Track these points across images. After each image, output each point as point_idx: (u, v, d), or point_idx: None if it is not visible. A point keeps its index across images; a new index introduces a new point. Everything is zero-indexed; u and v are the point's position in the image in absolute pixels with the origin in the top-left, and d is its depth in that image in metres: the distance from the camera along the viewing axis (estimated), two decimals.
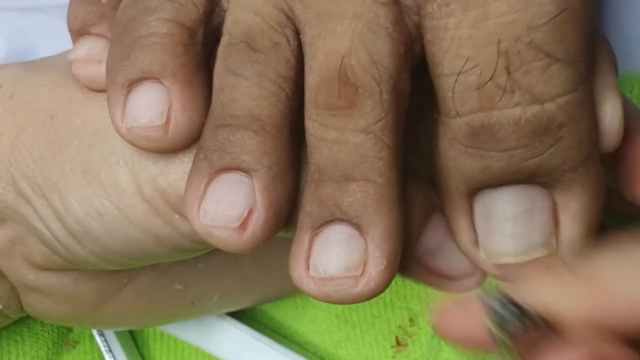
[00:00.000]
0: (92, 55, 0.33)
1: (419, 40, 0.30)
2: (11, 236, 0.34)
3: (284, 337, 0.42)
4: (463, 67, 0.28)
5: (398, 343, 0.41)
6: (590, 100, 0.29)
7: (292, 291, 0.40)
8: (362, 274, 0.29)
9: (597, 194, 0.30)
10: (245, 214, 0.30)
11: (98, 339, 0.41)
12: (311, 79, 0.30)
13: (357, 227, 0.29)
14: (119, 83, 0.31)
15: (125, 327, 0.40)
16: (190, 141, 0.31)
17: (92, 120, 0.33)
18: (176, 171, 0.31)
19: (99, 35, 0.33)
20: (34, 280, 0.35)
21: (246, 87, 0.30)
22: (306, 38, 0.30)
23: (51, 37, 0.39)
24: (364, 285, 0.29)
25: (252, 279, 0.38)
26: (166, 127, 0.30)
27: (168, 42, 0.31)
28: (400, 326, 0.41)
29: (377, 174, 0.29)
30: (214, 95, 0.31)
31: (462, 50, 0.28)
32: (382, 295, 0.40)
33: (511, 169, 0.29)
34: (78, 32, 0.34)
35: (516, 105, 0.28)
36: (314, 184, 0.30)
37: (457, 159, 0.29)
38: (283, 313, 0.42)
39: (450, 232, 0.31)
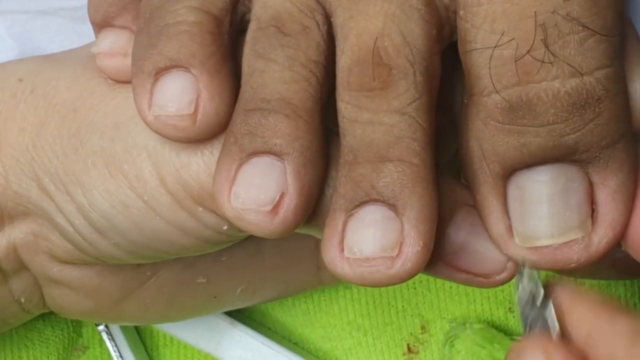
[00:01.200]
0: (116, 48, 0.33)
1: (448, 23, 0.30)
2: (35, 230, 0.34)
3: (294, 343, 0.42)
4: (499, 41, 0.28)
5: (409, 350, 0.41)
6: (623, 75, 0.29)
7: (312, 284, 0.39)
8: (398, 254, 0.29)
9: (634, 170, 0.30)
10: (277, 197, 0.29)
11: (108, 343, 0.41)
12: (343, 61, 0.30)
13: (393, 207, 0.29)
14: (146, 71, 0.31)
15: (147, 322, 0.40)
16: (217, 132, 0.31)
17: (114, 112, 0.32)
18: (198, 164, 0.31)
19: (123, 27, 0.33)
20: (57, 273, 0.35)
21: (277, 71, 0.30)
22: (337, 21, 0.30)
23: (61, 39, 0.39)
24: (400, 266, 0.29)
25: (274, 271, 0.38)
26: (194, 116, 0.30)
27: (196, 31, 0.31)
28: (411, 333, 0.40)
29: (412, 154, 0.29)
30: (243, 80, 0.31)
31: (497, 24, 0.28)
32: (393, 302, 0.40)
33: (549, 145, 0.28)
34: (100, 25, 0.34)
35: (555, 78, 0.28)
36: (348, 166, 0.30)
37: (493, 138, 0.29)
38: (294, 319, 0.41)
39: (476, 228, 0.31)
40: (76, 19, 0.38)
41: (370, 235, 0.29)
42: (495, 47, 0.28)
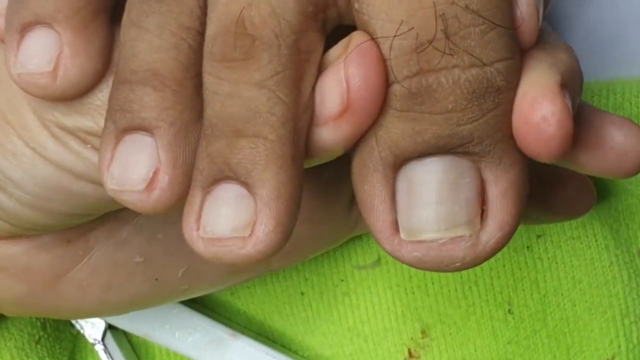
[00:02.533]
0: (0, 8, 0.32)
1: (336, 5, 0.29)
2: None
3: (295, 352, 0.42)
4: (397, 30, 0.27)
5: (410, 355, 0.41)
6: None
7: (258, 270, 0.39)
8: (250, 234, 0.28)
9: (525, 170, 0.29)
10: (151, 174, 0.29)
11: (102, 354, 0.41)
12: (209, 30, 0.29)
13: (247, 185, 0.28)
14: (14, 26, 0.30)
15: (88, 313, 0.38)
16: (86, 89, 0.30)
17: None
18: (78, 111, 0.31)
19: None
20: None
21: (146, 41, 0.29)
22: None
23: None
24: (252, 246, 0.28)
25: None
26: (54, 74, 0.30)
27: None
28: (412, 338, 0.41)
29: (268, 130, 0.28)
30: (118, 50, 0.30)
31: (394, 13, 0.27)
32: (393, 307, 0.41)
33: (445, 134, 0.28)
34: None
35: (455, 66, 0.27)
36: (206, 140, 0.29)
37: (388, 125, 0.28)
38: (294, 327, 0.41)
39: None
40: None
41: (222, 215, 0.28)
42: (394, 36, 0.27)
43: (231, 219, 0.28)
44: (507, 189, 0.28)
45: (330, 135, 0.29)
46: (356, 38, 0.28)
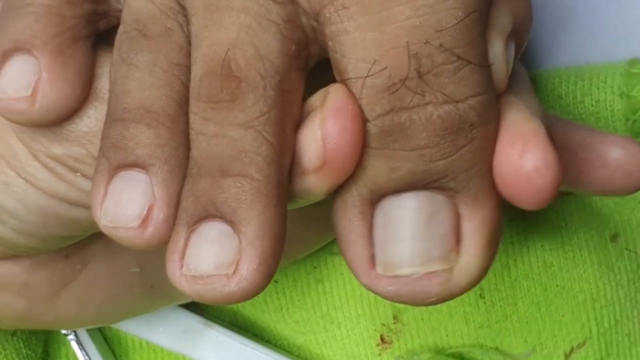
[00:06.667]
0: None
1: (317, 42, 0.29)
2: None
3: (267, 341, 0.42)
4: (370, 69, 0.27)
5: (383, 341, 0.41)
6: (496, 105, 0.29)
7: None
8: (234, 272, 0.28)
9: (499, 206, 0.29)
10: (145, 211, 0.29)
11: (78, 353, 0.41)
12: (195, 71, 0.29)
13: (232, 224, 0.28)
14: None
15: (88, 323, 0.38)
16: (66, 114, 0.30)
17: None
18: (66, 139, 0.31)
19: None
20: None
21: (137, 78, 0.29)
22: (192, 29, 0.29)
23: None
24: (235, 284, 0.28)
25: None
26: (33, 98, 0.30)
27: (43, 12, 0.30)
28: (383, 324, 0.41)
29: (254, 169, 0.28)
30: (109, 88, 0.30)
31: (367, 53, 0.27)
32: (366, 294, 0.41)
33: (419, 170, 0.28)
34: None
35: (427, 103, 0.27)
36: (192, 179, 0.29)
37: (364, 162, 0.28)
38: (266, 316, 0.41)
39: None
40: None
41: (206, 253, 0.28)
42: (366, 76, 0.27)
43: (215, 257, 0.28)
44: (481, 225, 0.28)
45: (311, 184, 0.29)
46: (333, 94, 0.28)
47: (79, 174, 0.31)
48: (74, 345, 0.41)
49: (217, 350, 0.40)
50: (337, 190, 0.29)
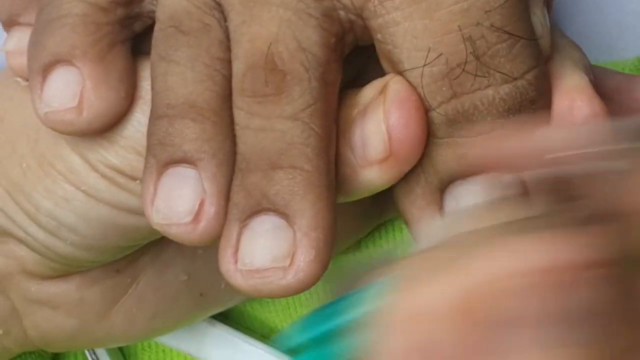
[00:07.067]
0: (22, 46, 0.32)
1: (352, 31, 0.29)
2: (4, 251, 0.34)
3: (274, 341, 0.42)
4: (427, 58, 0.28)
5: None
6: (549, 73, 0.30)
7: None
8: (290, 264, 0.28)
9: None
10: (196, 207, 0.29)
11: (86, 352, 0.41)
12: (237, 67, 0.29)
13: (285, 216, 0.28)
14: (35, 70, 0.31)
15: (137, 338, 0.39)
16: (114, 120, 0.31)
17: (33, 114, 0.32)
18: (122, 146, 0.31)
19: (28, 24, 0.33)
20: (36, 292, 0.34)
21: (179, 74, 0.29)
22: (231, 25, 0.29)
23: None
24: (292, 276, 0.28)
25: None
26: (79, 108, 0.30)
27: (78, 22, 0.30)
28: None
29: (304, 160, 0.28)
30: (151, 86, 0.30)
31: (420, 41, 0.28)
32: None
33: None
34: (7, 23, 0.33)
35: (488, 86, 0.28)
36: (241, 173, 0.29)
37: (431, 153, 0.29)
38: (273, 316, 0.41)
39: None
40: None
41: (261, 246, 0.28)
42: (424, 65, 0.28)
43: (270, 250, 0.28)
44: None
45: (375, 175, 0.29)
46: (394, 85, 0.28)
47: (138, 181, 0.31)
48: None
49: (221, 349, 0.40)
50: (404, 181, 0.29)
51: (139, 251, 0.35)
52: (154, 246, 0.35)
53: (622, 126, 0.27)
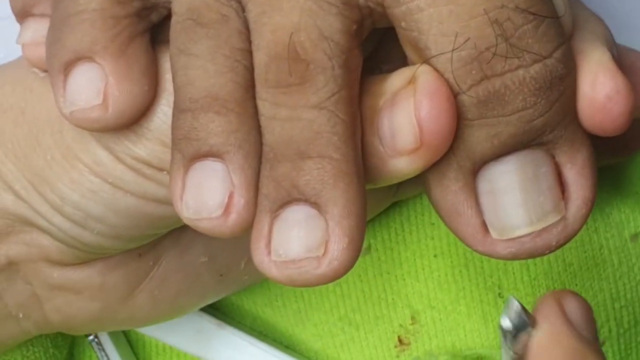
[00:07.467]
0: (38, 37, 0.32)
1: (370, 16, 0.29)
2: (25, 239, 0.34)
3: (286, 346, 0.42)
4: (454, 43, 0.28)
5: (401, 342, 0.40)
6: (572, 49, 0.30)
7: None
8: (324, 253, 0.28)
9: (592, 145, 0.30)
10: (226, 199, 0.29)
11: (99, 354, 0.41)
12: (259, 58, 0.29)
13: (316, 205, 0.28)
14: (55, 68, 0.30)
15: (160, 319, 0.39)
16: (139, 113, 0.31)
17: (55, 106, 0.32)
18: (148, 138, 0.31)
19: (42, 15, 0.33)
20: (58, 278, 0.35)
21: (200, 67, 0.29)
22: (250, 16, 0.29)
23: None
24: (326, 265, 0.28)
25: None
26: (105, 104, 0.30)
27: (97, 17, 0.30)
28: (401, 325, 0.40)
29: (332, 149, 0.28)
30: (172, 80, 0.30)
31: (447, 27, 0.28)
32: (383, 295, 0.40)
33: (520, 132, 0.28)
34: (21, 15, 0.33)
35: (518, 67, 0.28)
36: (269, 164, 0.29)
37: (463, 135, 0.29)
38: (285, 319, 0.41)
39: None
40: None
41: (295, 237, 0.28)
42: (453, 50, 0.28)
43: (304, 240, 0.28)
44: (583, 167, 0.29)
45: (406, 165, 0.29)
46: (423, 76, 0.28)
47: (165, 172, 0.31)
48: (94, 346, 0.41)
49: (228, 351, 0.40)
50: (435, 166, 0.29)
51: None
52: (174, 229, 0.35)
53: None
